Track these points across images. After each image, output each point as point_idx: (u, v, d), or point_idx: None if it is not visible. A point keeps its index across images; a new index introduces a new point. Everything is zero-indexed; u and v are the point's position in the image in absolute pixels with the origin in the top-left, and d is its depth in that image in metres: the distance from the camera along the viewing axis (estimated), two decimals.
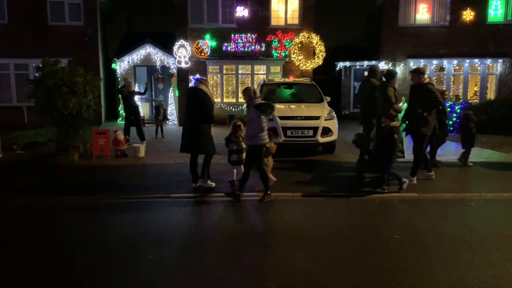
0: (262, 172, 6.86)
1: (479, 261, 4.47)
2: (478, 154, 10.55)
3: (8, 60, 17.60)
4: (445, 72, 19.37)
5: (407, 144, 8.84)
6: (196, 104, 7.18)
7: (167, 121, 17.71)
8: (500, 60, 18.74)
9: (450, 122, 15.28)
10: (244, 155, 7.75)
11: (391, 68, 18.44)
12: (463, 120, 9.52)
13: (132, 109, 12.36)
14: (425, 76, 7.61)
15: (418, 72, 7.62)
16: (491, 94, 19.19)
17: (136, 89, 15.83)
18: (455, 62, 18.99)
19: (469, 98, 19.26)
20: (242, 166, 7.34)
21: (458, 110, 15.40)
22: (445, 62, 19.09)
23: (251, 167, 6.90)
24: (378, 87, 8.35)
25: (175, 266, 4.48)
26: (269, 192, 6.82)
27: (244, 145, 7.69)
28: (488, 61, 18.87)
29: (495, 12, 18.82)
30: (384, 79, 8.46)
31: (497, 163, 9.45)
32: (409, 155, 8.92)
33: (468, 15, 18.79)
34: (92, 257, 4.68)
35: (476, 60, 18.84)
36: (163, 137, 14.08)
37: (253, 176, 7.03)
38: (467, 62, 18.92)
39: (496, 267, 4.31)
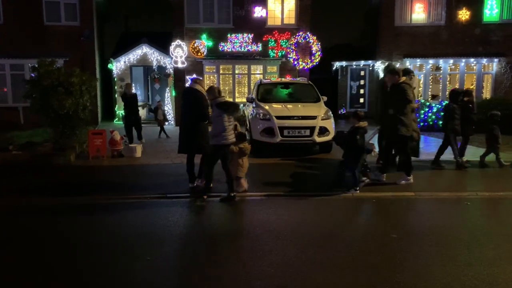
0: (207, 171, 6.73)
1: (475, 260, 4.49)
2: (474, 153, 10.57)
3: (3, 61, 17.54)
4: (441, 71, 19.43)
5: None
6: (191, 104, 7.18)
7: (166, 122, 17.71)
8: (495, 60, 18.81)
9: None
10: None
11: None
12: (488, 121, 9.34)
13: (135, 112, 12.57)
14: (401, 76, 7.58)
15: (392, 73, 7.66)
16: (487, 94, 19.26)
17: (133, 89, 15.86)
18: (451, 61, 19.05)
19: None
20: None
21: None
22: (441, 62, 19.15)
23: (227, 165, 6.83)
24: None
25: (172, 267, 4.48)
26: (205, 196, 6.69)
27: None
28: (484, 61, 18.93)
29: (491, 11, 18.90)
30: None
31: (493, 162, 9.47)
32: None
33: (464, 14, 18.85)
34: (89, 257, 4.66)
35: (472, 60, 18.90)
36: (160, 137, 14.09)
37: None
38: (463, 62, 18.98)
39: (493, 266, 4.33)
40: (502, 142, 9.25)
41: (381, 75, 18.48)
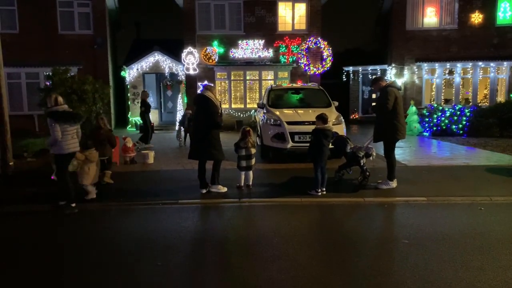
0: (62, 183, 6.64)
1: (489, 266, 4.42)
2: (488, 158, 10.46)
3: (19, 69, 17.90)
4: (454, 75, 19.28)
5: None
6: (202, 111, 7.23)
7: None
8: (510, 63, 18.60)
9: (460, 126, 15.20)
10: (253, 160, 7.78)
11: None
12: None
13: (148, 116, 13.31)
14: (385, 81, 7.79)
15: (375, 81, 7.82)
16: (501, 97, 19.04)
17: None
18: (464, 65, 18.89)
19: (478, 101, 19.13)
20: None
21: (468, 114, 15.30)
22: (454, 65, 19.00)
23: (64, 176, 6.69)
24: None
25: (183, 272, 4.50)
26: (72, 204, 6.63)
27: (253, 151, 7.73)
28: (498, 64, 18.74)
29: (504, 14, 18.74)
30: None
31: (507, 167, 9.35)
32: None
33: (476, 17, 18.71)
34: (100, 261, 4.71)
35: (485, 63, 18.72)
36: (185, 144, 14.17)
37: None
38: (476, 65, 18.81)
39: (507, 272, 4.26)
40: None
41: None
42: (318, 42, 18.72)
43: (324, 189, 7.37)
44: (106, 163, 8.39)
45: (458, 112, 15.38)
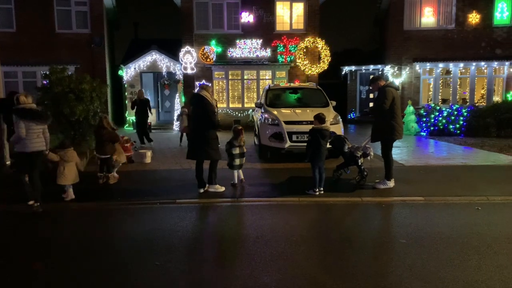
0: (33, 181, 6.61)
1: (486, 266, 4.43)
2: (485, 158, 10.50)
3: (16, 68, 17.83)
4: (451, 75, 19.32)
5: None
6: (198, 111, 7.23)
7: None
8: (507, 63, 18.66)
9: (457, 126, 15.25)
10: (244, 159, 7.83)
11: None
12: None
13: (147, 115, 13.60)
14: (384, 81, 7.74)
15: (374, 80, 7.82)
16: (498, 97, 19.09)
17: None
18: (461, 65, 18.93)
19: (476, 101, 19.18)
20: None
21: (465, 114, 15.34)
22: (451, 65, 19.04)
23: (32, 174, 6.67)
24: None
25: (181, 272, 4.49)
26: (37, 203, 6.61)
27: (245, 150, 7.80)
28: (495, 64, 18.80)
29: (501, 14, 18.79)
30: None
31: (505, 166, 9.38)
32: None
33: (474, 18, 18.75)
34: (97, 261, 4.70)
35: (483, 63, 18.77)
36: (181, 145, 13.97)
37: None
38: (473, 65, 18.85)
39: (504, 271, 4.27)
40: None
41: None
42: (316, 42, 18.72)
43: (322, 188, 7.37)
44: (108, 164, 8.38)
45: (455, 112, 15.42)
